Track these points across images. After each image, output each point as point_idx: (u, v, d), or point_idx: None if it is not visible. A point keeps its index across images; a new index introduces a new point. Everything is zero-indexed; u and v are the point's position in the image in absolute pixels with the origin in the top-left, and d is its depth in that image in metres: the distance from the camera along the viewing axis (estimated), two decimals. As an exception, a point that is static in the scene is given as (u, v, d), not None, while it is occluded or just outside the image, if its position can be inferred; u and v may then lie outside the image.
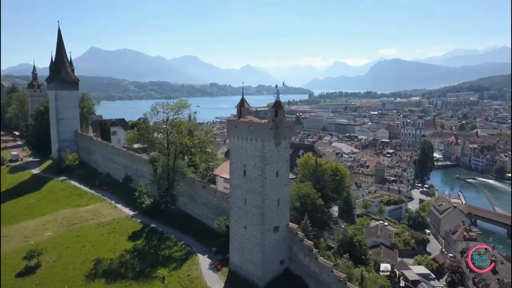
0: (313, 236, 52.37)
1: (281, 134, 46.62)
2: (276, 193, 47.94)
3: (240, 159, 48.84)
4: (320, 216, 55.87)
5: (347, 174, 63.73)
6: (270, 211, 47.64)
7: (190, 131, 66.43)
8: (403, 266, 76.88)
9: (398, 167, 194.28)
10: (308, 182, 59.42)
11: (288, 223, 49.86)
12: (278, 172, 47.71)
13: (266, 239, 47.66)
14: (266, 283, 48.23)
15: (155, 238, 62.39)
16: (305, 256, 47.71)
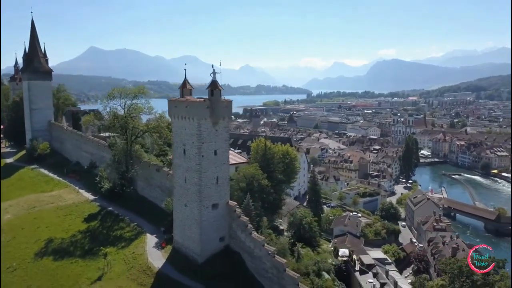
0: (256, 215, 53.58)
1: (218, 114, 47.89)
2: (214, 171, 49.21)
3: (180, 139, 50.19)
4: (266, 196, 57.14)
5: (297, 158, 64.94)
6: (208, 188, 48.92)
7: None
8: (362, 252, 78.23)
9: (383, 162, 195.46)
10: (255, 163, 60.83)
11: (228, 201, 51.11)
12: (217, 151, 48.98)
13: (204, 215, 48.94)
14: (205, 259, 49.49)
15: (110, 220, 63.73)
16: (241, 232, 49.00)
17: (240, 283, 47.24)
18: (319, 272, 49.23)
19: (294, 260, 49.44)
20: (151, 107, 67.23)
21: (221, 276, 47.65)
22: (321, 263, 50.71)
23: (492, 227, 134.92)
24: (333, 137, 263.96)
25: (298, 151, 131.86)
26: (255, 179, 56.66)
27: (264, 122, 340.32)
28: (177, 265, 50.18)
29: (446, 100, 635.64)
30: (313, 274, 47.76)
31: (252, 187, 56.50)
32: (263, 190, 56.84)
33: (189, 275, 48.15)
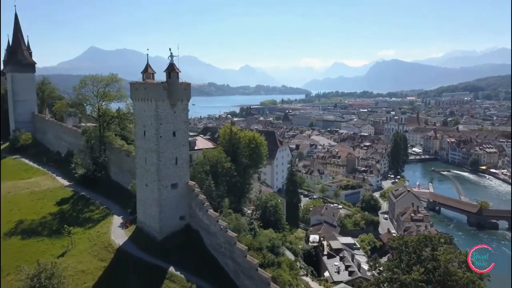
0: (217, 196, 55.36)
1: (175, 96, 49.76)
2: (173, 152, 51.04)
3: (141, 121, 52.07)
4: (230, 179, 58.92)
5: (264, 143, 66.65)
6: (167, 168, 50.74)
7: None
8: (332, 238, 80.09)
9: (372, 158, 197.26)
10: (220, 147, 62.76)
11: (188, 182, 52.93)
12: (175, 132, 50.82)
13: (163, 194, 50.77)
14: (164, 236, 51.29)
15: (81, 203, 65.62)
16: (199, 210, 50.83)
17: (196, 257, 49.10)
18: (273, 248, 50.89)
19: (251, 237, 51.16)
20: (123, 95, 69.01)
21: (178, 252, 49.51)
22: (276, 240, 52.39)
23: (475, 220, 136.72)
24: (325, 135, 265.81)
25: (281, 144, 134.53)
26: (219, 162, 58.46)
27: (258, 120, 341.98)
28: (138, 243, 52.08)
29: (443, 99, 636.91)
30: (267, 249, 49.47)
31: (216, 170, 58.30)
32: (226, 173, 58.63)
33: (148, 251, 50.04)
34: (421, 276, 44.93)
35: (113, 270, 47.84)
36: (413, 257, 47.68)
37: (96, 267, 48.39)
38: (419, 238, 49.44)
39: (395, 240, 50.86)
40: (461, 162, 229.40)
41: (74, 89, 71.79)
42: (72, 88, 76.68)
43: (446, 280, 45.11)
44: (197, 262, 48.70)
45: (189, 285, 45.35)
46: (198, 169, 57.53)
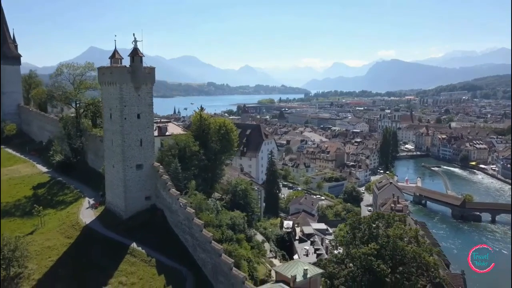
0: (183, 178, 57.17)
1: (139, 79, 51.76)
2: (138, 134, 53.04)
3: (108, 104, 54.09)
4: (198, 162, 60.74)
5: (234, 130, 68.35)
6: (131, 150, 52.75)
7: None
8: (306, 224, 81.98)
9: (362, 154, 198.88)
10: (189, 132, 64.68)
11: (153, 163, 54.90)
12: (140, 114, 52.83)
13: (128, 175, 52.77)
14: (130, 215, 53.34)
15: (56, 187, 67.67)
16: (163, 190, 52.79)
17: (159, 234, 51.09)
18: (233, 226, 52.71)
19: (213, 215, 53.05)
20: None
21: (143, 229, 51.51)
22: (237, 219, 54.25)
23: (458, 213, 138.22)
24: (317, 131, 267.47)
25: (267, 137, 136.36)
26: (187, 146, 60.35)
27: (253, 118, 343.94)
28: (104, 221, 54.12)
29: (441, 98, 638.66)
30: (226, 227, 51.31)
31: (184, 154, 60.14)
32: (195, 157, 60.44)
33: (113, 229, 52.09)
34: (371, 250, 46.85)
35: (78, 246, 49.89)
36: (366, 234, 49.60)
37: (62, 244, 50.40)
38: (372, 216, 51.38)
39: (350, 218, 52.81)
40: (452, 158, 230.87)
41: (50, 77, 73.78)
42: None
43: (395, 254, 47.02)
44: (159, 238, 50.65)
45: (149, 259, 47.36)
46: (166, 152, 59.36)
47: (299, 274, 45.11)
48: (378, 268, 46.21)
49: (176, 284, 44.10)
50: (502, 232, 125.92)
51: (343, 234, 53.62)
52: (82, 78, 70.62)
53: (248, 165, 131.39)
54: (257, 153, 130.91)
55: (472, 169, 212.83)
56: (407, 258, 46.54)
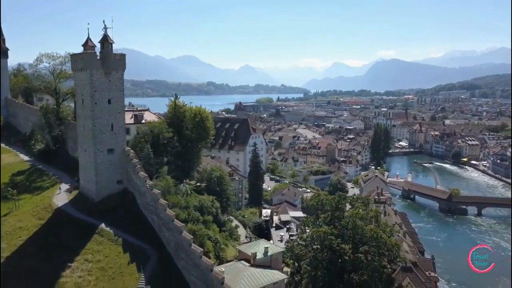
0: (155, 163, 58.51)
1: (110, 65, 53.16)
2: (109, 119, 54.44)
3: (80, 90, 55.52)
4: (171, 149, 62.12)
5: (209, 118, 69.65)
6: (102, 134, 54.15)
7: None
8: (284, 212, 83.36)
9: (354, 150, 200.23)
10: (163, 120, 66.05)
11: (125, 147, 56.29)
12: (111, 100, 54.23)
13: (99, 158, 54.19)
14: (101, 198, 54.75)
15: (35, 175, 69.04)
16: (133, 173, 54.17)
17: (128, 216, 52.60)
18: (201, 208, 54.04)
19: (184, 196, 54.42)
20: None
21: (113, 211, 53.01)
22: (206, 202, 55.64)
23: (445, 206, 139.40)
24: (312, 128, 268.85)
25: (254, 131, 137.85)
26: (160, 133, 61.75)
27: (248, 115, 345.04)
28: (77, 204, 55.54)
29: (439, 97, 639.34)
30: (194, 208, 52.62)
31: (158, 140, 61.51)
32: (168, 143, 61.83)
33: (84, 211, 53.58)
34: (331, 229, 48.19)
35: (48, 226, 51.34)
36: (328, 215, 50.92)
37: (34, 225, 51.85)
38: (334, 197, 52.64)
39: (313, 199, 54.14)
40: (444, 155, 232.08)
41: (31, 67, 75.17)
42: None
43: (355, 233, 48.34)
44: (128, 220, 52.13)
45: (116, 238, 48.85)
46: (139, 139, 60.69)
47: (259, 252, 46.72)
48: (338, 247, 47.55)
49: (140, 261, 45.50)
50: (487, 225, 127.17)
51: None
52: (62, 68, 71.97)
53: (236, 159, 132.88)
54: (245, 146, 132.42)
55: (464, 165, 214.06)
56: (367, 237, 47.80)
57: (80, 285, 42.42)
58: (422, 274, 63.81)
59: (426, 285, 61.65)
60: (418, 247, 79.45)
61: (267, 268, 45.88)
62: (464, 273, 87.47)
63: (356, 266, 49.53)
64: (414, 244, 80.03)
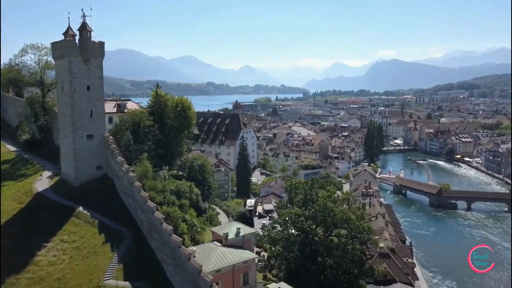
0: (135, 150, 59.56)
1: (88, 52, 54.38)
2: (88, 106, 55.66)
3: (60, 77, 56.75)
4: (152, 137, 63.22)
5: (191, 108, 70.65)
6: (81, 120, 55.35)
7: None
8: (268, 202, 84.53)
9: (347, 147, 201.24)
10: (145, 108, 67.24)
11: (104, 134, 57.44)
12: (90, 86, 55.46)
13: (78, 144, 55.41)
14: (81, 183, 55.97)
15: (20, 163, 70.19)
16: (112, 159, 55.32)
17: (106, 200, 53.79)
18: (178, 192, 55.15)
19: (161, 181, 55.56)
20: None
21: (92, 196, 54.24)
22: (183, 186, 56.79)
23: (435, 201, 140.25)
24: (307, 126, 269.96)
25: (245, 126, 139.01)
26: (141, 121, 62.93)
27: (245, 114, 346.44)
28: (57, 189, 56.78)
29: (438, 97, 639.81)
30: (170, 192, 53.74)
31: (138, 128, 62.69)
32: (149, 131, 63.00)
33: (63, 196, 54.85)
34: (303, 212, 49.33)
35: (27, 210, 52.53)
36: (301, 198, 52.05)
37: (13, 208, 53.03)
38: (307, 181, 53.79)
39: (287, 182, 55.27)
40: (438, 152, 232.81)
41: (15, 57, 76.44)
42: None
43: (326, 215, 49.44)
44: (106, 204, 53.32)
45: (93, 220, 50.06)
46: (120, 126, 61.83)
47: (231, 232, 47.82)
48: (309, 228, 48.69)
49: (114, 242, 46.66)
50: (476, 219, 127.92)
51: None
52: (47, 59, 73.12)
53: (227, 153, 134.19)
54: (235, 141, 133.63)
55: (457, 162, 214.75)
56: (337, 219, 48.91)
57: (54, 263, 43.53)
58: (399, 260, 65.16)
59: (402, 270, 62.98)
60: (400, 236, 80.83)
61: (239, 249, 47.02)
62: (445, 263, 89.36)
63: (328, 248, 50.71)
64: (396, 233, 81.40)
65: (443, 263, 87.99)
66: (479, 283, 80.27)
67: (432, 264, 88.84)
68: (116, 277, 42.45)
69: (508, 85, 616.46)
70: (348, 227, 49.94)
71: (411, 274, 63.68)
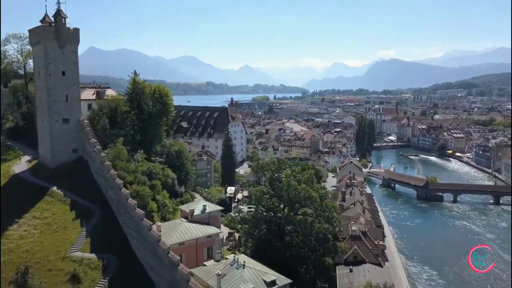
0: (111, 134, 61.35)
1: (63, 38, 56.22)
2: (63, 90, 57.50)
3: (37, 63, 58.68)
4: (130, 122, 65.09)
5: (168, 95, 72.32)
6: (57, 104, 57.20)
7: None
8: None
9: (339, 142, 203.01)
10: (121, 94, 69.18)
11: (80, 118, 59.29)
12: (65, 72, 57.29)
13: (54, 127, 57.27)
14: (56, 165, 57.77)
15: (3, 150, 71.83)
16: (86, 141, 57.17)
17: (80, 181, 55.55)
18: (150, 173, 56.90)
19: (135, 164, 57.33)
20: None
21: (67, 177, 55.99)
22: (155, 168, 58.65)
23: (422, 193, 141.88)
24: (301, 123, 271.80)
25: (233, 119, 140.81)
26: (118, 106, 64.83)
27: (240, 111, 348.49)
28: (34, 172, 58.68)
29: (436, 96, 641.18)
30: (141, 173, 55.48)
31: (116, 113, 64.56)
32: (126, 116, 64.88)
33: (39, 177, 56.62)
34: (268, 189, 51.10)
35: (4, 189, 54.14)
36: (268, 177, 53.84)
37: (-10, 189, 54.69)
38: (274, 162, 55.61)
39: (254, 163, 57.05)
40: (430, 148, 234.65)
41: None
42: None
43: (290, 193, 51.19)
44: (80, 184, 55.12)
45: (65, 199, 51.93)
46: (97, 112, 63.67)
47: (197, 209, 49.67)
48: (273, 205, 50.45)
49: (84, 218, 48.62)
50: (461, 211, 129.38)
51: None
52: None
53: (215, 146, 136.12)
54: (223, 134, 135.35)
55: (448, 158, 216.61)
56: (300, 197, 50.61)
57: (24, 237, 45.32)
58: (370, 242, 67.02)
59: (372, 252, 64.82)
60: (376, 222, 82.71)
61: (204, 225, 48.86)
62: (427, 253, 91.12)
63: (294, 226, 52.39)
64: (373, 219, 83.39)
65: (424, 253, 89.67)
66: (459, 272, 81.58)
67: (414, 253, 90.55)
68: (83, 250, 44.28)
69: (505, 84, 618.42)
70: (312, 206, 51.62)
71: (381, 255, 65.58)
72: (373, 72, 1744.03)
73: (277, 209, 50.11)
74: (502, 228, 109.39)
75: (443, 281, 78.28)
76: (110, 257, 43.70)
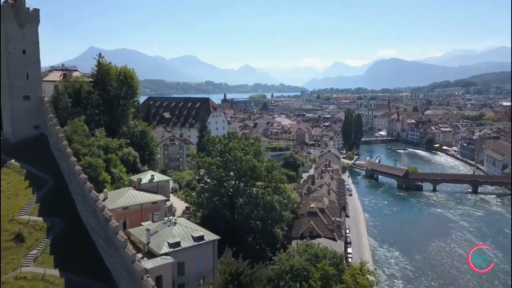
0: (72, 112, 63.48)
1: (22, 17, 58.41)
2: (24, 68, 59.68)
3: (4, 43, 60.64)
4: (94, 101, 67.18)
5: (134, 76, 74.40)
6: (18, 81, 59.44)
7: None
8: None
9: (326, 136, 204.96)
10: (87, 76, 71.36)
11: (41, 96, 61.50)
12: (25, 50, 59.46)
13: (14, 104, 59.56)
14: (17, 140, 60.03)
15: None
16: (45, 117, 59.35)
17: (40, 156, 57.76)
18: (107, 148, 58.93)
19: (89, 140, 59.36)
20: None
21: (27, 151, 58.23)
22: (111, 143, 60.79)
23: (402, 183, 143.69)
24: (292, 118, 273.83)
25: (215, 110, 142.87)
26: (82, 87, 67.05)
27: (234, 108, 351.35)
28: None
29: (433, 94, 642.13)
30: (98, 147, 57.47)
31: (79, 94, 66.75)
32: (89, 96, 67.08)
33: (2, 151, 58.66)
34: (215, 161, 53.20)
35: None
36: (219, 150, 55.93)
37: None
38: (225, 136, 57.69)
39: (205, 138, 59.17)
40: (419, 142, 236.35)
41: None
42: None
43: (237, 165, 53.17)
44: (39, 158, 57.33)
45: (21, 170, 54.11)
46: (63, 92, 65.77)
47: (145, 178, 51.79)
48: (219, 175, 52.53)
49: (37, 187, 50.72)
50: (438, 199, 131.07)
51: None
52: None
53: (196, 136, 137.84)
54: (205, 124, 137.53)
55: (436, 151, 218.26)
56: (245, 168, 52.69)
57: (-24, 203, 47.49)
58: (327, 219, 69.28)
59: (327, 227, 67.07)
60: (341, 203, 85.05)
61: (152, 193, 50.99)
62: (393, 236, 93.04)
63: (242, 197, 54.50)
64: (338, 200, 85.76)
65: (395, 238, 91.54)
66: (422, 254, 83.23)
67: (384, 237, 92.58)
68: (31, 214, 46.45)
69: (504, 82, 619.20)
70: (259, 178, 53.68)
71: (337, 231, 67.76)
72: (373, 71, 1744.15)
73: (225, 179, 52.15)
74: (477, 217, 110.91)
75: (408, 262, 79.82)
76: (56, 221, 45.89)
